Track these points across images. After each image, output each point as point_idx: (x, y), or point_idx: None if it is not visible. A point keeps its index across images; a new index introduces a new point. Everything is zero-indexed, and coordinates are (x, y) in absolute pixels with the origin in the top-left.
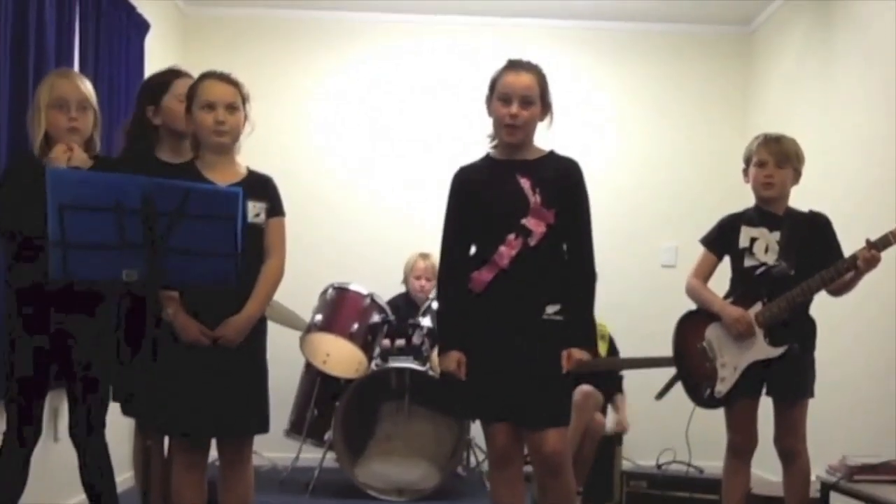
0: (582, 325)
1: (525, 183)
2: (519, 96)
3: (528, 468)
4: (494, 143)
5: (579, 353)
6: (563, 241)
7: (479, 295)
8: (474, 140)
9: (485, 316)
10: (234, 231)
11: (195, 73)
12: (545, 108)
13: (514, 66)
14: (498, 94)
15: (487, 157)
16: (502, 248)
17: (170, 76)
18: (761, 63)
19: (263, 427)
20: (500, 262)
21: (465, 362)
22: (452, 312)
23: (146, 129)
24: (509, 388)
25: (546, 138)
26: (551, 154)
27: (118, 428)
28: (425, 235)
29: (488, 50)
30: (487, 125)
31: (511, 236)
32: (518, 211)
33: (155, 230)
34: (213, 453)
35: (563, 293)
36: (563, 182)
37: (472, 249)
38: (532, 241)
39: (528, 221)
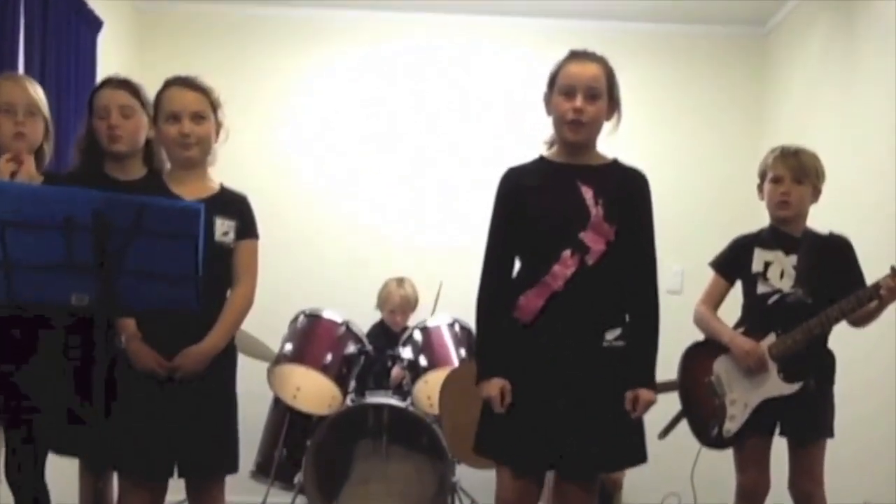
0: (647, 362)
1: (587, 192)
2: (584, 88)
3: None
4: (552, 147)
5: (648, 395)
6: (623, 261)
7: (528, 325)
8: (465, 154)
9: (534, 347)
10: (195, 251)
11: (151, 74)
12: (613, 105)
13: (577, 56)
14: (559, 88)
15: (542, 160)
16: (556, 268)
17: (99, 86)
18: (777, 68)
19: (232, 466)
20: (554, 284)
21: (510, 392)
22: (495, 337)
23: (93, 144)
24: (562, 430)
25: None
26: (615, 162)
27: (61, 468)
28: (406, 258)
29: (483, 53)
30: (482, 137)
31: (567, 253)
32: (576, 224)
33: (107, 249)
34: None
35: (623, 316)
36: (628, 195)
37: (517, 266)
38: (590, 260)
39: (587, 236)
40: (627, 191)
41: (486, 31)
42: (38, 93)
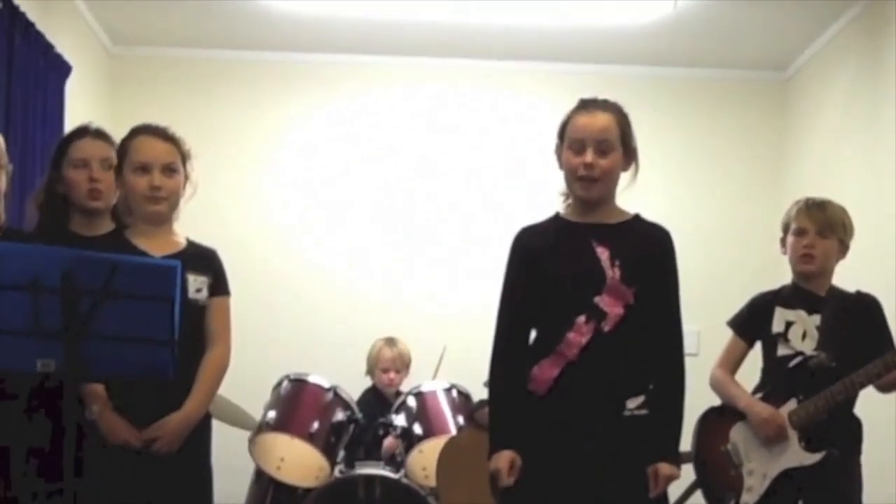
0: (670, 433)
1: (603, 253)
2: (594, 142)
3: None
4: (568, 201)
5: (669, 470)
6: (643, 325)
7: (543, 397)
8: (466, 206)
9: (550, 421)
10: (171, 312)
11: (123, 123)
12: (628, 154)
13: (586, 105)
14: (569, 141)
15: (557, 218)
16: (570, 335)
17: (74, 136)
18: (799, 115)
19: None
20: (568, 353)
21: (520, 468)
22: (507, 408)
23: (56, 198)
24: None
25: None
26: (636, 219)
27: None
28: (397, 320)
29: (483, 99)
30: (483, 187)
31: (581, 319)
32: (591, 287)
33: (76, 312)
34: None
35: (646, 382)
36: (649, 253)
37: (532, 335)
38: (606, 326)
39: (602, 300)
40: (648, 250)
41: (483, 74)
42: None
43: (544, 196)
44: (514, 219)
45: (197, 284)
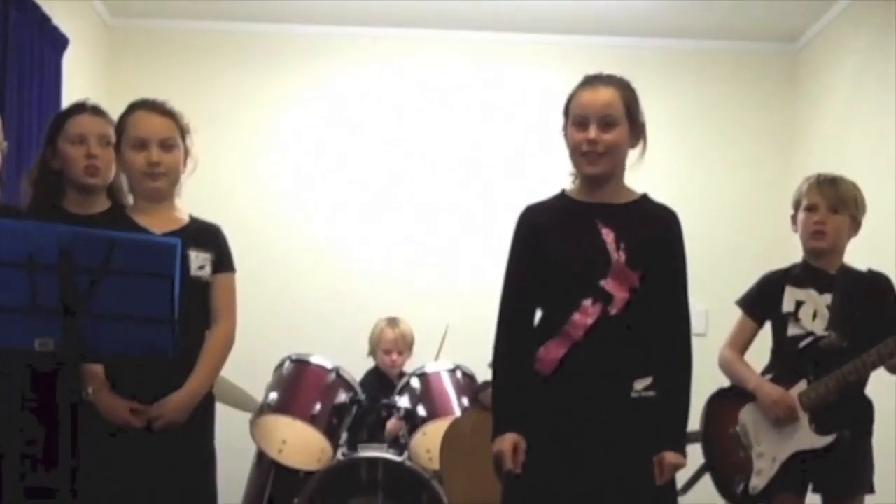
0: (676, 421)
1: (608, 235)
2: (597, 117)
3: None
4: (576, 181)
5: (674, 458)
6: (650, 307)
7: (549, 377)
8: (463, 185)
9: (556, 402)
10: (171, 290)
11: (122, 98)
12: (635, 130)
13: (590, 81)
14: (573, 117)
15: (563, 196)
16: (576, 317)
17: (71, 111)
18: (810, 88)
19: None
20: (574, 334)
21: (524, 450)
22: (511, 389)
23: (51, 175)
24: (590, 492)
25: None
26: (644, 199)
27: None
28: (400, 298)
29: (487, 72)
30: (482, 166)
31: (587, 302)
32: (596, 270)
33: (74, 290)
34: None
35: (654, 363)
36: (655, 236)
37: (538, 315)
38: (613, 309)
39: (608, 284)
40: (654, 232)
41: (488, 48)
42: None
43: (548, 173)
44: (518, 197)
45: (199, 261)
